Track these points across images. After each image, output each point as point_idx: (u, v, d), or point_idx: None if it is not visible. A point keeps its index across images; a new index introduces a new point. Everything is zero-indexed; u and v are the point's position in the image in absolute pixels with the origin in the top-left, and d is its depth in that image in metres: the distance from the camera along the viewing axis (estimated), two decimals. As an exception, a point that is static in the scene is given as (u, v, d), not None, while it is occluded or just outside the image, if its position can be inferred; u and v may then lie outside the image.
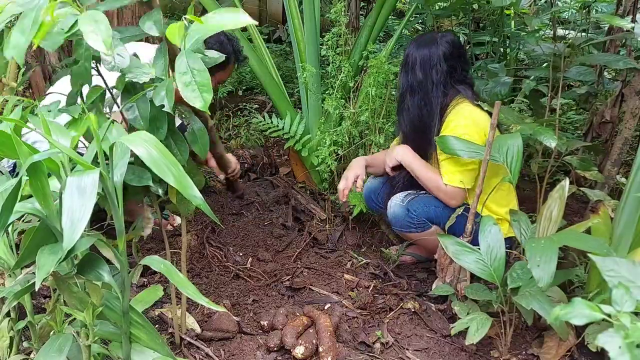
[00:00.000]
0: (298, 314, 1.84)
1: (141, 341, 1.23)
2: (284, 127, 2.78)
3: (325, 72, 2.71)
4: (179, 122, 1.51)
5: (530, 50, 2.49)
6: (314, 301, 1.99)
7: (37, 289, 0.95)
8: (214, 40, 2.15)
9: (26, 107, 1.28)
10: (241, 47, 2.33)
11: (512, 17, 3.32)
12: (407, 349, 1.77)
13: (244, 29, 2.97)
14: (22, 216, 1.11)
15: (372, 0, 3.76)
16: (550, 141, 1.76)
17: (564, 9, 2.65)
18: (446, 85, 2.04)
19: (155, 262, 1.14)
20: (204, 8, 2.81)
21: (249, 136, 3.31)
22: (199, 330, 1.73)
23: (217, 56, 1.35)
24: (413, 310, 1.96)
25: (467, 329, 1.65)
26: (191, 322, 1.74)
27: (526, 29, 2.59)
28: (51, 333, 1.34)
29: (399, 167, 2.15)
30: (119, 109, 1.33)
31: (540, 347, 1.72)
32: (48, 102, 1.38)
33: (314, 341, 1.67)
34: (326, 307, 1.94)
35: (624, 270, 1.13)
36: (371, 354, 1.73)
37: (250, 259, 2.25)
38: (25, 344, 1.39)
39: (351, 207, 2.42)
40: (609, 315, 0.97)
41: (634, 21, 2.26)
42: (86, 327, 1.15)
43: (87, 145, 1.18)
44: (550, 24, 2.66)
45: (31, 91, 2.58)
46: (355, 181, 2.21)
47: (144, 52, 1.45)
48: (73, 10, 1.06)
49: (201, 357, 1.63)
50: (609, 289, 1.07)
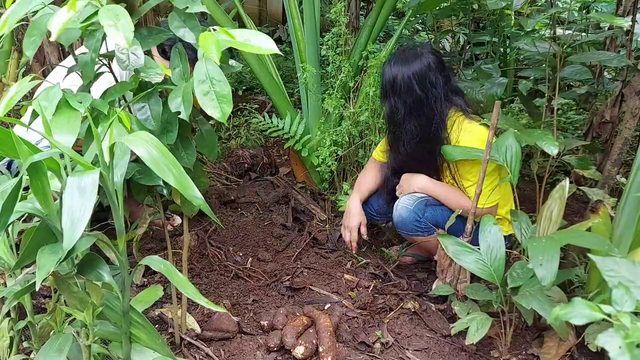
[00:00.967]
0: (298, 314, 1.84)
1: (141, 341, 1.23)
2: (284, 127, 2.77)
3: (325, 72, 2.71)
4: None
5: (525, 50, 2.48)
6: (314, 301, 1.99)
7: (37, 289, 0.95)
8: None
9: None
10: None
11: (512, 17, 3.32)
12: (407, 349, 1.77)
13: (243, 25, 2.96)
14: (22, 216, 1.11)
15: (372, 0, 3.76)
16: (552, 148, 1.74)
17: (563, 9, 2.65)
18: (446, 97, 1.97)
19: (155, 262, 1.14)
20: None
21: (249, 136, 3.31)
22: (199, 330, 1.73)
23: (235, 65, 1.35)
24: (413, 310, 1.96)
25: (467, 329, 1.65)
26: (191, 322, 1.74)
27: (524, 30, 2.59)
28: (51, 333, 1.34)
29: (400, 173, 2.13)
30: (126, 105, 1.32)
31: (540, 347, 1.72)
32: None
33: (314, 341, 1.67)
34: (326, 307, 1.94)
35: (624, 270, 1.13)
36: (371, 354, 1.73)
37: (250, 259, 2.25)
38: (25, 344, 1.39)
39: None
40: (609, 315, 0.97)
41: (634, 21, 2.26)
42: (86, 327, 1.15)
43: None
44: (550, 23, 2.66)
45: (31, 92, 2.58)
46: (359, 229, 2.17)
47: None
48: (93, 2, 1.06)
49: (201, 357, 1.63)
50: (609, 289, 1.07)
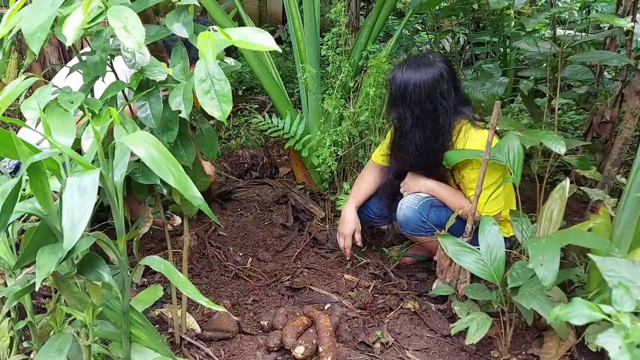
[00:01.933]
0: (298, 314, 1.84)
1: (141, 341, 1.23)
2: (284, 127, 2.78)
3: (325, 72, 2.71)
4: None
5: (525, 50, 2.47)
6: (314, 301, 1.99)
7: (37, 289, 0.95)
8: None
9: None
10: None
11: (513, 17, 3.32)
12: (407, 349, 1.77)
13: (243, 25, 2.96)
14: (22, 216, 1.11)
15: (372, 0, 3.76)
16: (559, 147, 1.73)
17: (564, 9, 2.65)
18: (455, 109, 1.92)
19: (155, 262, 1.14)
20: (203, 8, 2.81)
21: (249, 136, 3.31)
22: (199, 330, 1.73)
23: (234, 64, 1.35)
24: (413, 310, 1.96)
25: (467, 329, 1.65)
26: (191, 322, 1.74)
27: (525, 30, 2.59)
28: (51, 333, 1.34)
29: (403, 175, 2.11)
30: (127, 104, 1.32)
31: (540, 347, 1.72)
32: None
33: (314, 341, 1.67)
34: (326, 307, 1.94)
35: (624, 270, 1.13)
36: (371, 354, 1.73)
37: (250, 259, 2.25)
38: (25, 344, 1.39)
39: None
40: (609, 315, 0.97)
41: (634, 21, 2.26)
42: (86, 327, 1.15)
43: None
44: (550, 23, 2.67)
45: (31, 91, 2.58)
46: (354, 236, 2.15)
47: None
48: (99, 3, 1.07)
49: (201, 357, 1.63)
50: (609, 289, 1.07)
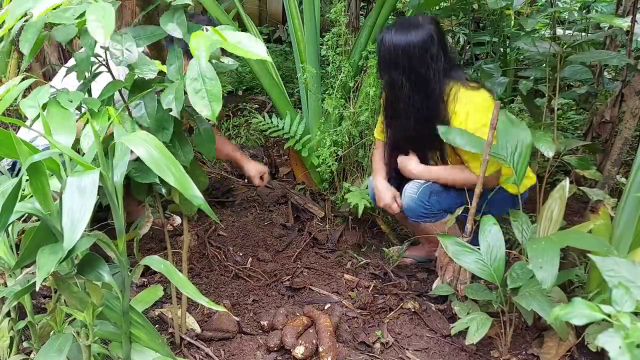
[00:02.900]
0: (298, 314, 1.84)
1: (141, 341, 1.23)
2: (284, 127, 2.78)
3: (325, 72, 2.71)
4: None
5: (525, 50, 2.47)
6: (314, 301, 1.99)
7: (37, 289, 0.95)
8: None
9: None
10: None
11: (512, 17, 3.32)
12: (407, 349, 1.77)
13: (244, 28, 2.97)
14: (22, 216, 1.11)
15: (372, 0, 3.76)
16: (548, 150, 1.72)
17: (563, 9, 2.65)
18: (445, 72, 1.89)
19: (155, 262, 1.14)
20: (203, 8, 2.82)
21: (249, 136, 3.31)
22: (199, 330, 1.72)
23: (231, 63, 1.35)
24: (413, 310, 1.96)
25: (467, 329, 1.65)
26: (191, 322, 1.74)
27: (524, 30, 2.59)
28: (51, 333, 1.34)
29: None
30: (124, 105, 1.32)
31: (540, 347, 1.72)
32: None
33: (314, 341, 1.67)
34: (326, 307, 1.94)
35: (624, 270, 1.13)
36: (371, 354, 1.73)
37: (250, 259, 2.25)
38: (25, 344, 1.39)
39: (352, 207, 2.41)
40: (609, 315, 0.97)
41: (634, 21, 2.26)
42: (86, 327, 1.15)
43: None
44: (550, 23, 2.67)
45: (31, 90, 2.58)
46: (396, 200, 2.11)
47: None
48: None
49: (201, 357, 1.63)
50: (609, 289, 1.07)
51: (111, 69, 1.36)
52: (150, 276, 2.01)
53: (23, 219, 1.33)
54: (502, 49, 3.41)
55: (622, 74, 2.40)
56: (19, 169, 1.73)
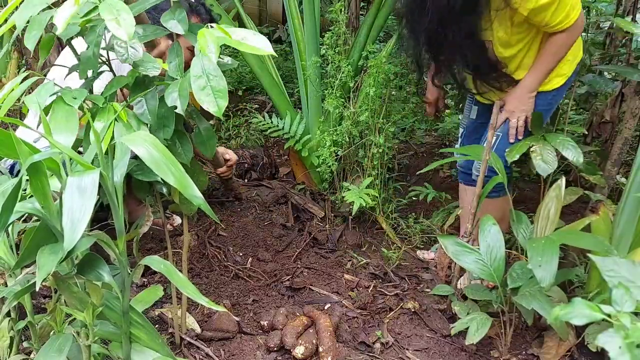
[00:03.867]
0: (298, 314, 1.84)
1: (141, 341, 1.23)
2: (284, 127, 2.78)
3: (325, 72, 2.71)
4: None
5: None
6: (314, 301, 1.99)
7: (37, 289, 0.95)
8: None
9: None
10: (216, 16, 2.17)
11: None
12: (407, 349, 1.77)
13: (243, 25, 2.96)
14: (22, 216, 1.11)
15: (371, 0, 3.76)
16: (577, 157, 1.70)
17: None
18: None
19: (155, 262, 1.14)
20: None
21: (249, 136, 3.31)
22: (199, 330, 1.73)
23: (230, 62, 1.36)
24: (413, 310, 1.96)
25: (467, 329, 1.65)
26: (191, 322, 1.74)
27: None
28: (51, 333, 1.34)
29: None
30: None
31: (540, 347, 1.72)
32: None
33: (314, 341, 1.67)
34: (326, 307, 1.94)
35: (624, 270, 1.13)
36: (371, 354, 1.73)
37: (250, 259, 2.25)
38: (25, 344, 1.39)
39: (352, 206, 2.41)
40: (609, 315, 0.97)
41: (634, 21, 2.26)
42: (86, 327, 1.15)
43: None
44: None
45: (31, 91, 2.58)
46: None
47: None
48: None
49: (201, 357, 1.63)
50: (609, 289, 1.07)
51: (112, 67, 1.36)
52: (150, 276, 2.01)
53: (23, 219, 1.32)
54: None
55: (622, 74, 2.40)
56: (17, 171, 1.73)
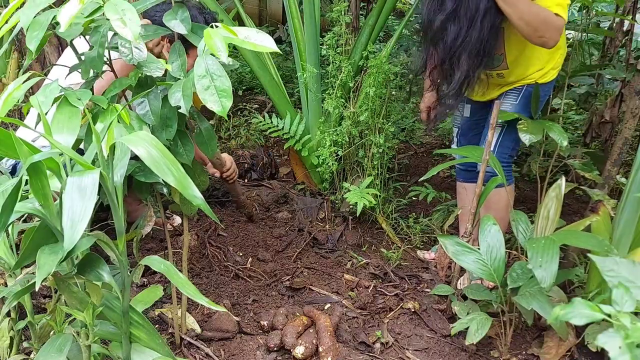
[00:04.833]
0: (298, 314, 1.84)
1: (141, 341, 1.23)
2: (284, 127, 2.78)
3: (325, 72, 2.71)
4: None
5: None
6: (314, 301, 1.99)
7: (37, 289, 0.95)
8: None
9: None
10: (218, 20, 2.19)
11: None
12: (407, 349, 1.77)
13: (243, 25, 2.96)
14: (22, 216, 1.11)
15: (372, 1, 3.76)
16: (562, 140, 1.75)
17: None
18: None
19: (155, 262, 1.14)
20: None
21: (249, 136, 3.31)
22: (199, 330, 1.72)
23: (231, 63, 1.35)
24: (413, 310, 1.96)
25: (467, 329, 1.65)
26: (191, 322, 1.74)
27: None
28: (51, 333, 1.34)
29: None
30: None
31: (540, 347, 1.72)
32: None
33: (314, 341, 1.67)
34: (326, 307, 1.94)
35: (624, 270, 1.13)
36: (371, 354, 1.73)
37: (250, 259, 2.25)
38: (25, 344, 1.39)
39: (351, 207, 2.41)
40: (609, 315, 0.97)
41: (634, 21, 2.26)
42: (86, 327, 1.15)
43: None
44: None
45: (31, 91, 2.58)
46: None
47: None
48: None
49: (201, 357, 1.63)
50: (609, 289, 1.07)
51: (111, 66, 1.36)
52: (150, 276, 2.01)
53: (23, 219, 1.32)
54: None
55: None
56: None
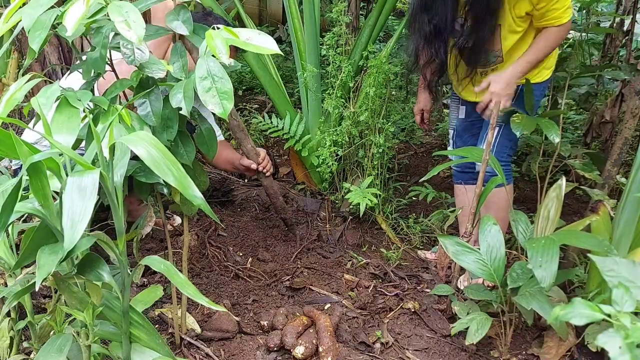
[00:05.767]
0: (298, 314, 1.84)
1: (141, 341, 1.23)
2: (284, 127, 2.78)
3: (325, 72, 2.71)
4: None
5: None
6: (314, 301, 1.99)
7: (37, 289, 0.95)
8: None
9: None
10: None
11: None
12: (407, 349, 1.77)
13: (243, 25, 2.96)
14: (22, 216, 1.11)
15: (372, 0, 3.76)
16: (554, 136, 1.76)
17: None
18: None
19: (155, 262, 1.14)
20: (203, 8, 2.81)
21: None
22: (199, 330, 1.72)
23: (233, 64, 1.36)
24: (413, 310, 1.96)
25: (467, 329, 1.65)
26: (191, 322, 1.74)
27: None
28: (51, 333, 1.34)
29: None
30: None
31: (540, 347, 1.72)
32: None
33: (314, 341, 1.67)
34: (326, 307, 1.94)
35: (624, 270, 1.13)
36: (371, 354, 1.73)
37: (250, 259, 2.25)
38: (25, 344, 1.39)
39: (352, 207, 2.41)
40: (609, 315, 0.97)
41: (634, 21, 2.26)
42: (86, 327, 1.15)
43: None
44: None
45: (31, 92, 2.58)
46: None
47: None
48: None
49: (201, 357, 1.63)
50: (609, 289, 1.07)
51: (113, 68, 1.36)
52: (150, 276, 2.01)
53: (23, 219, 1.32)
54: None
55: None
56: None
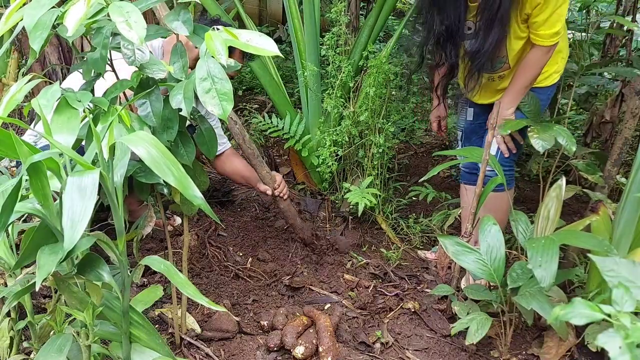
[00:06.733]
0: (298, 314, 1.84)
1: (141, 341, 1.23)
2: (284, 127, 2.78)
3: (325, 72, 2.71)
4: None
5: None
6: (314, 301, 1.99)
7: (37, 289, 0.95)
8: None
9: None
10: None
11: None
12: (407, 349, 1.77)
13: (243, 25, 2.96)
14: (22, 216, 1.10)
15: (371, 0, 3.76)
16: (570, 145, 1.70)
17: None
18: None
19: (155, 262, 1.14)
20: (203, 8, 2.81)
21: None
22: (199, 330, 1.73)
23: (233, 64, 1.36)
24: (413, 310, 1.96)
25: (467, 329, 1.65)
26: (191, 322, 1.74)
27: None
28: (51, 333, 1.34)
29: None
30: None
31: (540, 347, 1.72)
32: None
33: (314, 341, 1.67)
34: (326, 307, 1.94)
35: (624, 270, 1.13)
36: (371, 354, 1.73)
37: (250, 259, 2.25)
38: (25, 344, 1.39)
39: (351, 207, 2.41)
40: (609, 315, 0.97)
41: (634, 21, 2.26)
42: (86, 327, 1.15)
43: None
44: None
45: (31, 92, 2.58)
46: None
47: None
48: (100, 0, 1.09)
49: (201, 357, 1.63)
50: (609, 289, 1.07)
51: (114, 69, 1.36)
52: (150, 276, 2.01)
53: (23, 219, 1.32)
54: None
55: (622, 74, 2.40)
56: None
